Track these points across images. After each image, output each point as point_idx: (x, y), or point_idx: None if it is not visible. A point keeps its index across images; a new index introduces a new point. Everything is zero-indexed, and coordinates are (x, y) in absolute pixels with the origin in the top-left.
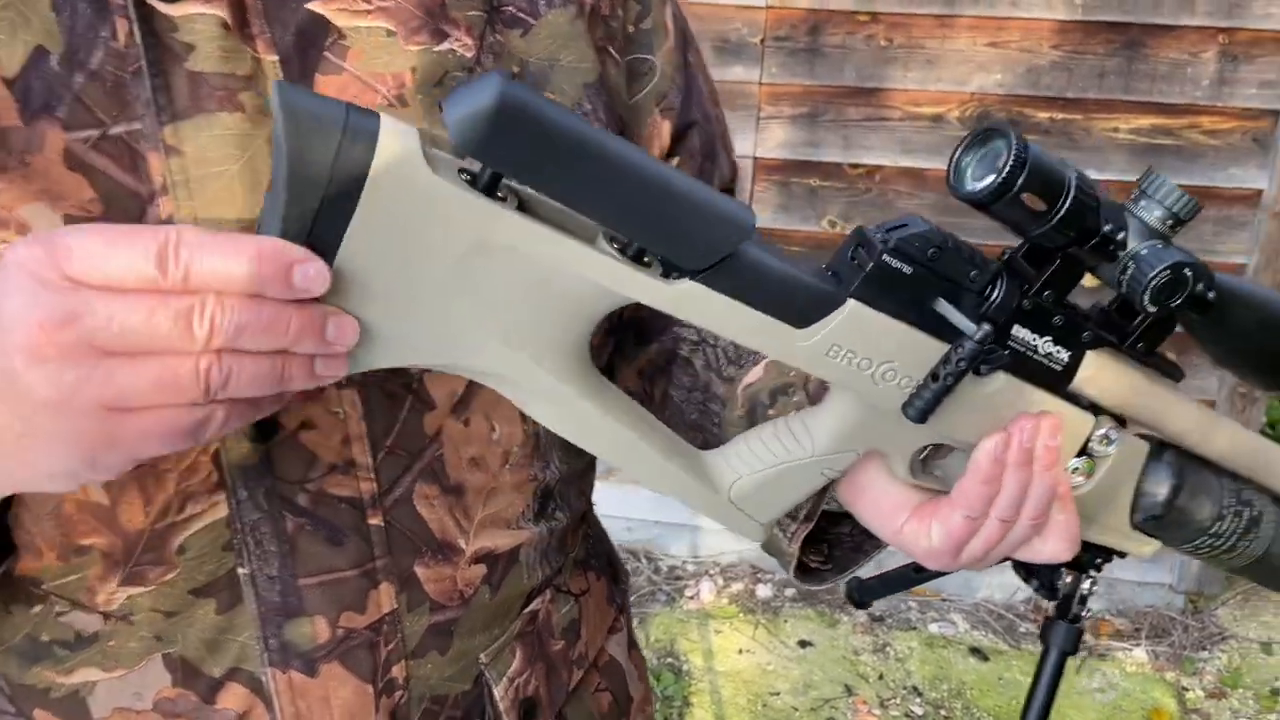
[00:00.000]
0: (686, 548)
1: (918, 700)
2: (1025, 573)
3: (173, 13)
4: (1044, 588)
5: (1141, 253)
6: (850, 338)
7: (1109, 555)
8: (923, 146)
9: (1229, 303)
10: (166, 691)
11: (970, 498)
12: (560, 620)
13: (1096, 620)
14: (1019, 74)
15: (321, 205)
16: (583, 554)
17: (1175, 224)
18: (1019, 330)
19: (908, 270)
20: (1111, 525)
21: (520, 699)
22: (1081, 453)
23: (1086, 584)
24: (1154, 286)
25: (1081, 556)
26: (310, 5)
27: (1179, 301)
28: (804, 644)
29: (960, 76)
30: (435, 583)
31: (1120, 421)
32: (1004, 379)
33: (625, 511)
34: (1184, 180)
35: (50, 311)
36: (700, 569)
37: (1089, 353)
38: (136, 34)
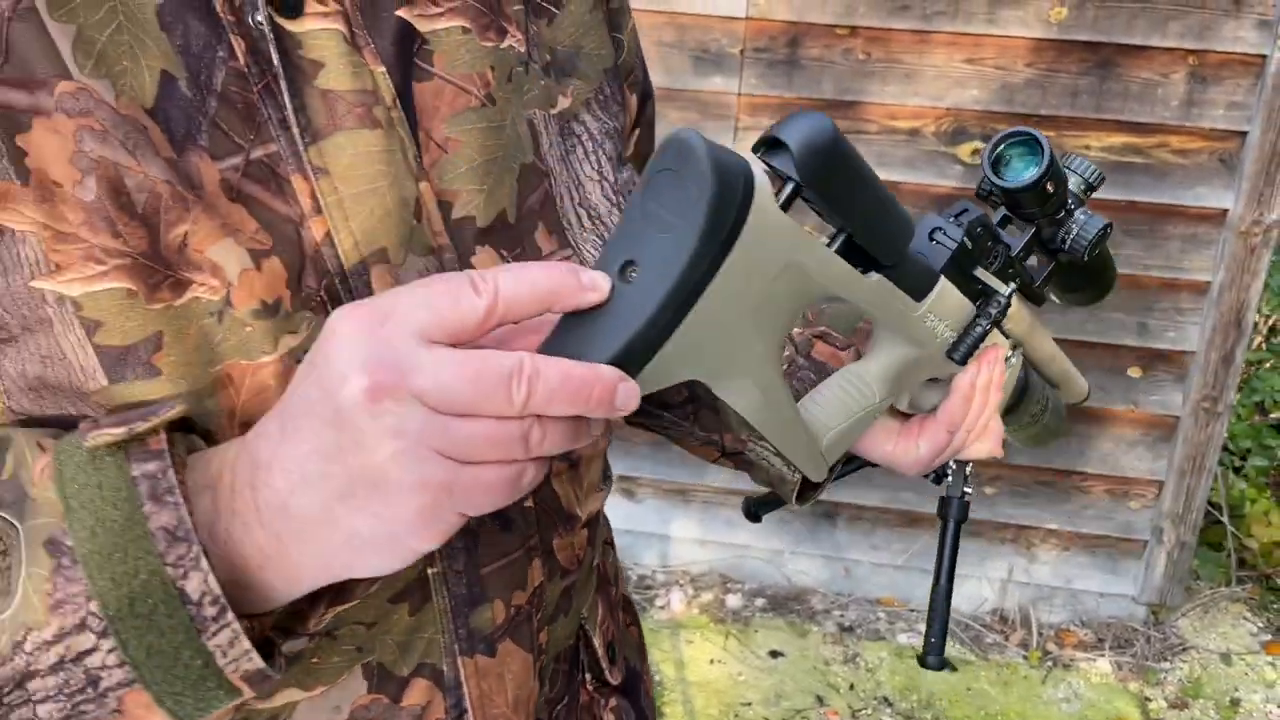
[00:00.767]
0: (656, 557)
1: (888, 710)
2: None
3: (295, 29)
4: (935, 475)
5: (1081, 218)
6: (937, 305)
7: None
8: (899, 160)
9: None
10: (362, 699)
11: (955, 416)
12: (610, 569)
13: (1060, 631)
14: (994, 90)
15: (720, 244)
16: None
17: (1089, 190)
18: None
19: (970, 246)
20: None
21: (607, 643)
22: None
23: (969, 467)
24: (1091, 243)
25: None
26: (399, 12)
27: (1097, 254)
28: (775, 654)
29: (937, 92)
30: (564, 551)
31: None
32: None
33: None
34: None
35: (381, 364)
36: (670, 578)
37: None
38: (273, 52)
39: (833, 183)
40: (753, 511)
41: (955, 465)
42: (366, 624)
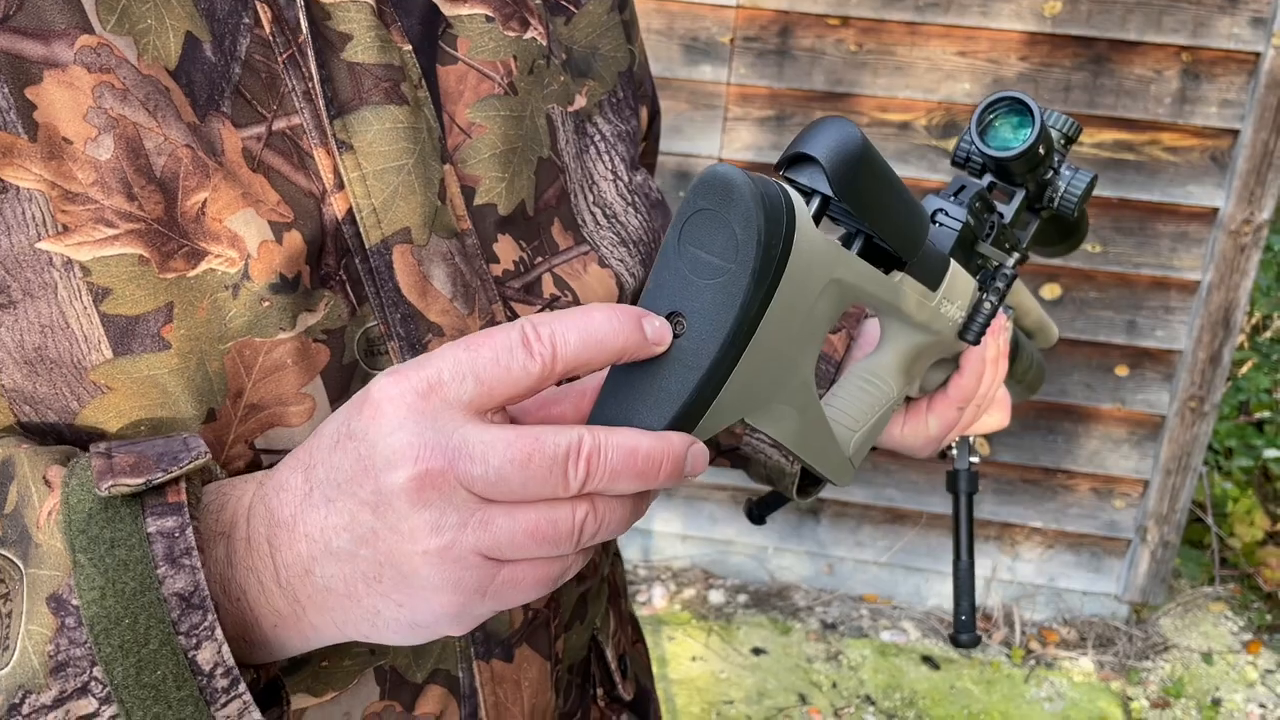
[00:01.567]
0: (638, 552)
1: (871, 709)
2: None
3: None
4: (939, 451)
5: (1068, 175)
6: (949, 289)
7: None
8: (890, 153)
9: None
10: (374, 706)
11: (966, 392)
12: (620, 581)
13: (1043, 630)
14: (986, 84)
15: (770, 281)
16: None
17: (1068, 143)
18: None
19: (973, 223)
20: None
21: (619, 655)
22: None
23: (973, 438)
24: (1081, 198)
25: None
26: None
27: (1083, 206)
28: (757, 651)
29: (929, 84)
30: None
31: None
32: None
33: None
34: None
35: (427, 448)
36: (652, 574)
37: None
38: (302, 19)
39: (862, 194)
40: (755, 513)
41: (958, 438)
42: None
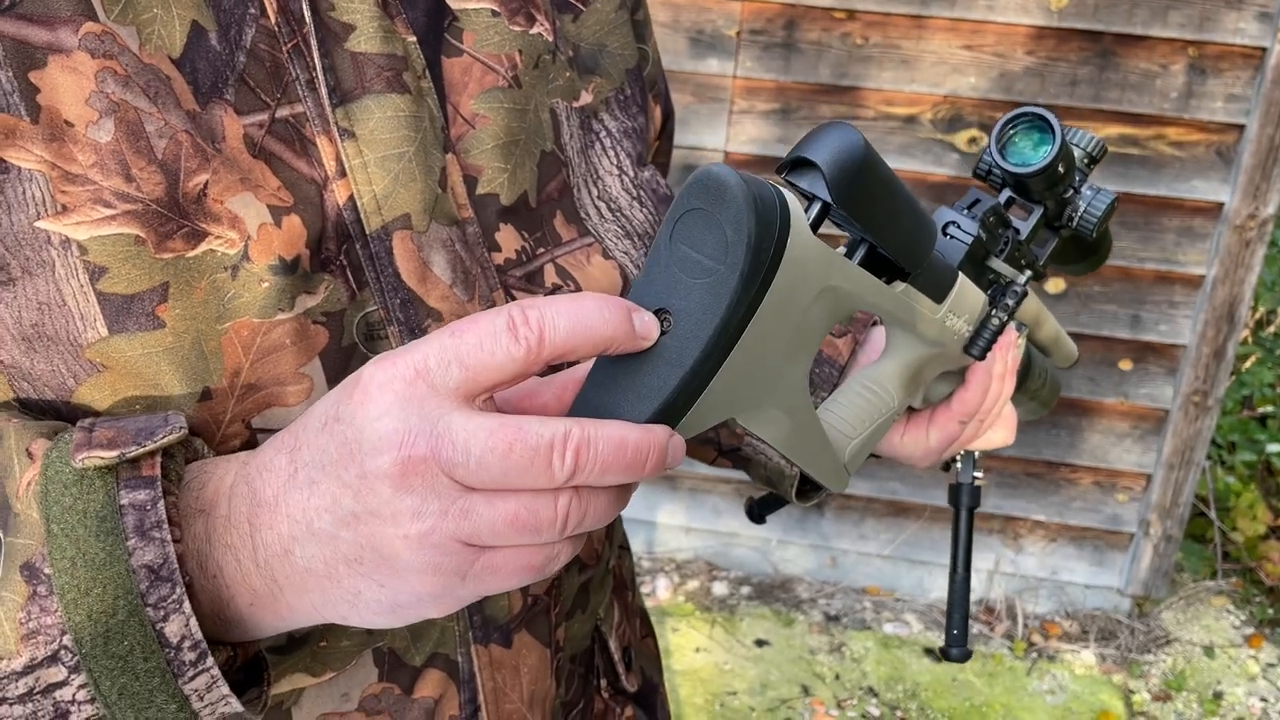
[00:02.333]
0: (642, 544)
1: (874, 701)
2: None
3: None
4: (943, 464)
5: (1088, 194)
6: (956, 303)
7: None
8: (895, 147)
9: None
10: (372, 688)
11: (970, 405)
12: (627, 574)
13: (1045, 623)
14: (992, 78)
15: (759, 283)
16: None
17: (1091, 163)
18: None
19: (985, 238)
20: None
21: (623, 648)
22: None
23: (978, 453)
24: (1101, 219)
25: None
26: None
27: (1104, 226)
28: (760, 643)
29: (934, 78)
30: (583, 545)
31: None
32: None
33: None
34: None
35: (411, 433)
36: (656, 566)
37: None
38: (306, 11)
39: (865, 200)
40: (756, 512)
41: (963, 451)
42: None
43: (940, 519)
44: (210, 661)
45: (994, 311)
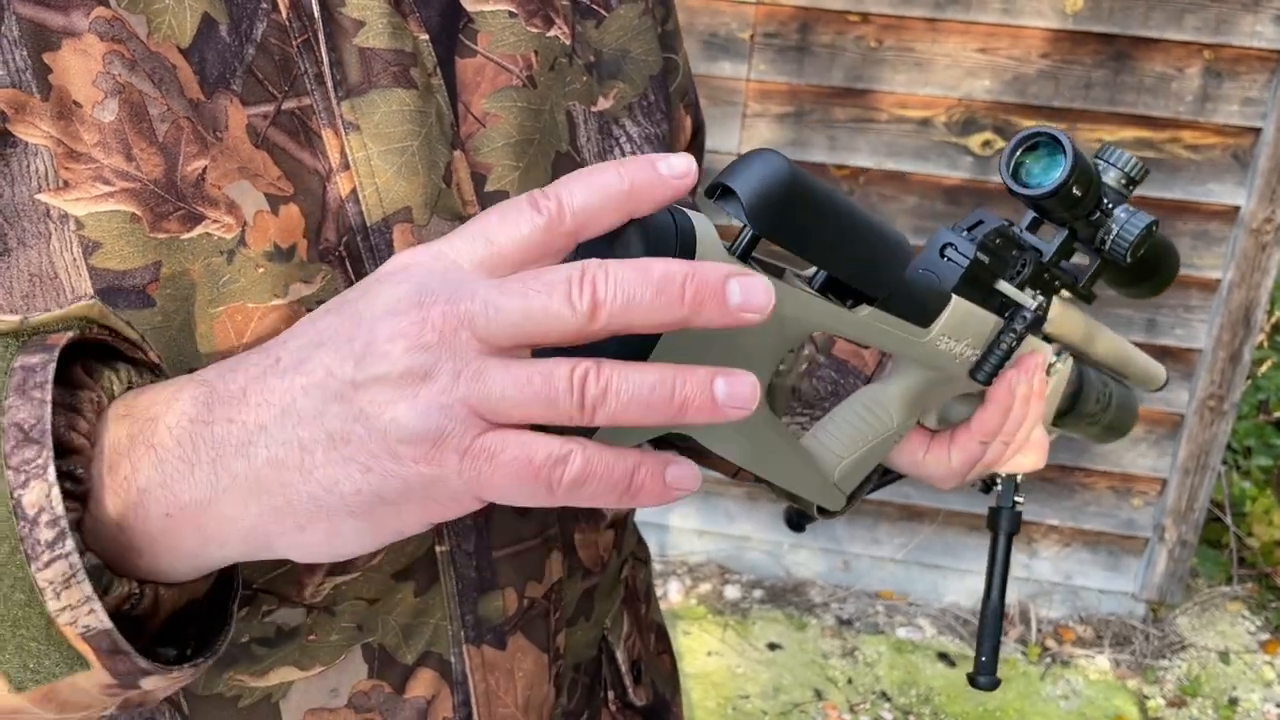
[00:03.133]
0: (655, 547)
1: (887, 705)
2: None
3: None
4: (984, 485)
5: (1122, 216)
6: (951, 327)
7: None
8: (908, 150)
9: None
10: (362, 685)
11: (989, 426)
12: (640, 586)
13: (1059, 627)
14: (1006, 81)
15: None
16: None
17: (1130, 184)
18: (1027, 291)
19: (986, 261)
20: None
21: (632, 661)
22: None
23: (1019, 476)
24: (1134, 244)
25: None
26: None
27: (1143, 253)
28: (773, 646)
29: (948, 81)
30: (586, 549)
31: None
32: None
33: None
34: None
35: (434, 298)
36: (668, 569)
37: (1054, 297)
38: (314, 5)
39: (792, 228)
40: (795, 521)
41: (1004, 475)
42: (368, 600)
43: (954, 523)
44: (70, 546)
45: (1002, 335)
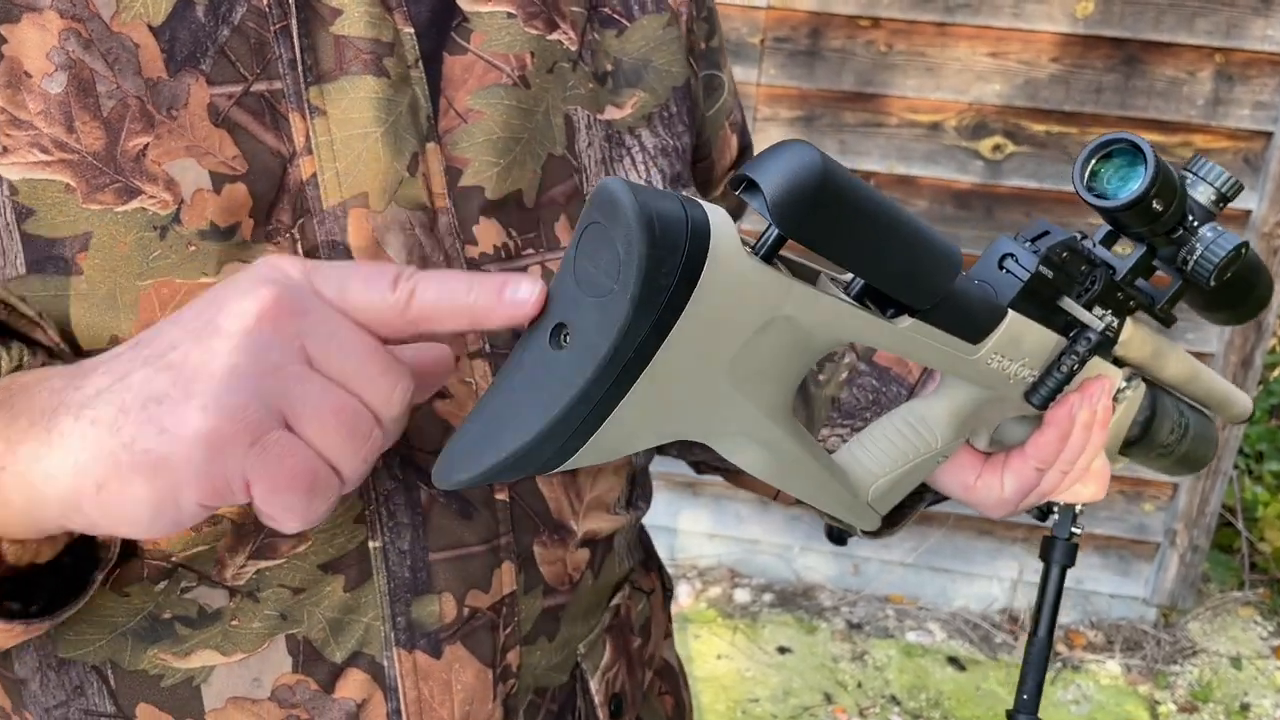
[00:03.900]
0: (665, 550)
1: (896, 709)
2: None
3: None
4: (1039, 512)
5: (1208, 236)
6: (1005, 345)
7: None
8: (919, 154)
9: None
10: (286, 678)
11: (1045, 452)
12: (637, 617)
13: (1070, 632)
14: (1017, 85)
15: (663, 308)
16: (643, 554)
17: (1222, 202)
18: (1096, 310)
19: (1050, 275)
20: (1105, 450)
21: (611, 694)
22: None
23: (1079, 506)
24: (1220, 267)
25: None
26: None
27: (1229, 276)
28: (783, 650)
29: (959, 86)
30: (549, 565)
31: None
32: None
33: None
34: None
35: (289, 300)
36: (678, 572)
37: (1127, 319)
38: None
39: (822, 230)
40: (835, 534)
41: (1063, 504)
42: (292, 589)
43: (964, 527)
44: None
45: (1063, 358)
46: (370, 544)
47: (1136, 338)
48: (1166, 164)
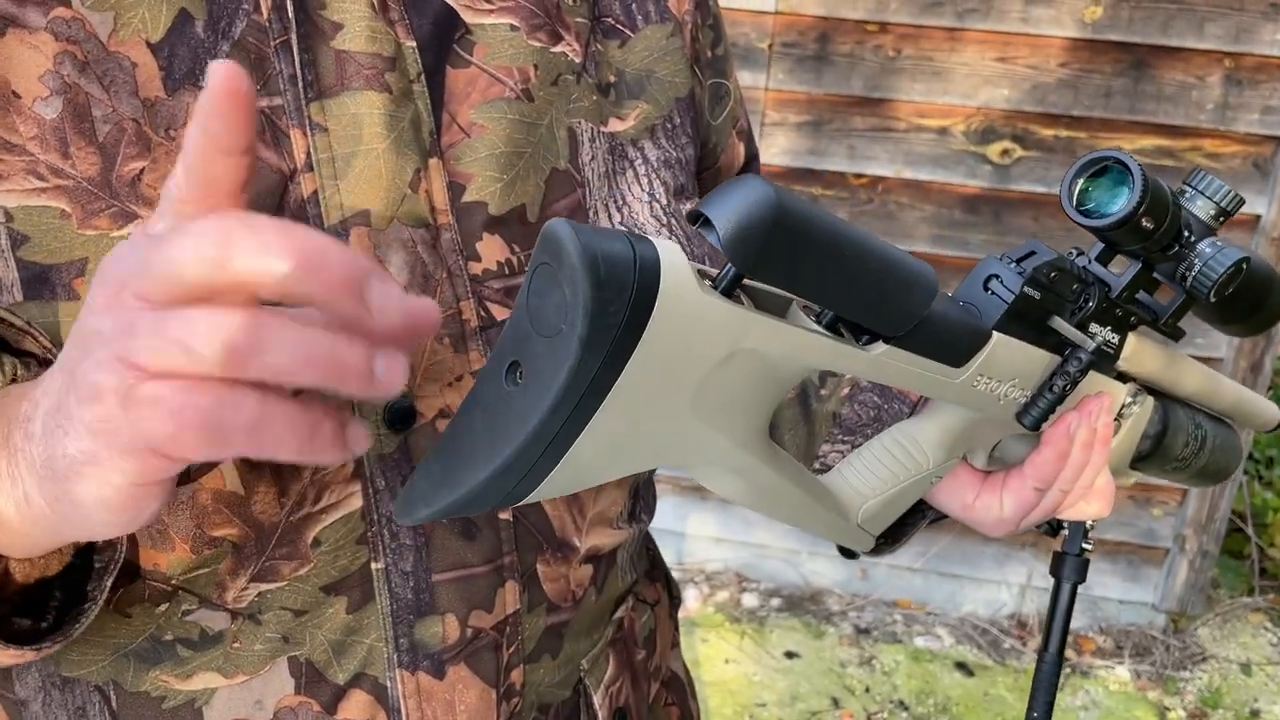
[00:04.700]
0: (672, 554)
1: (904, 715)
2: None
3: None
4: (1049, 526)
5: (1206, 251)
6: (991, 366)
7: None
8: (927, 159)
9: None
10: (288, 700)
11: (1044, 472)
12: (641, 630)
13: (1079, 638)
14: (1025, 90)
15: (612, 347)
16: (647, 565)
17: (1221, 216)
18: (1093, 327)
19: (1037, 296)
20: (1113, 467)
21: (615, 708)
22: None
23: (1089, 521)
24: (1220, 282)
25: None
26: (448, 0)
27: (1231, 291)
28: (790, 655)
29: (967, 90)
30: (552, 582)
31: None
32: None
33: None
34: None
35: (115, 268)
36: (686, 576)
37: (1129, 334)
38: (289, 7)
39: (779, 266)
40: (844, 549)
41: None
42: (294, 611)
43: (972, 532)
44: None
45: (1054, 378)
46: (373, 565)
47: (1143, 353)
48: (1157, 181)
